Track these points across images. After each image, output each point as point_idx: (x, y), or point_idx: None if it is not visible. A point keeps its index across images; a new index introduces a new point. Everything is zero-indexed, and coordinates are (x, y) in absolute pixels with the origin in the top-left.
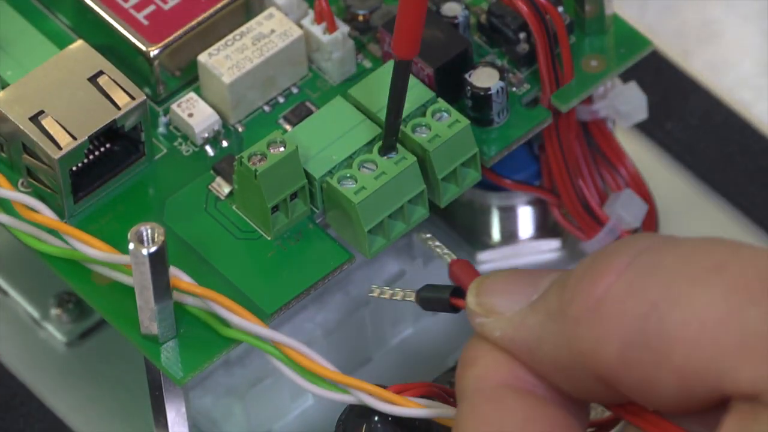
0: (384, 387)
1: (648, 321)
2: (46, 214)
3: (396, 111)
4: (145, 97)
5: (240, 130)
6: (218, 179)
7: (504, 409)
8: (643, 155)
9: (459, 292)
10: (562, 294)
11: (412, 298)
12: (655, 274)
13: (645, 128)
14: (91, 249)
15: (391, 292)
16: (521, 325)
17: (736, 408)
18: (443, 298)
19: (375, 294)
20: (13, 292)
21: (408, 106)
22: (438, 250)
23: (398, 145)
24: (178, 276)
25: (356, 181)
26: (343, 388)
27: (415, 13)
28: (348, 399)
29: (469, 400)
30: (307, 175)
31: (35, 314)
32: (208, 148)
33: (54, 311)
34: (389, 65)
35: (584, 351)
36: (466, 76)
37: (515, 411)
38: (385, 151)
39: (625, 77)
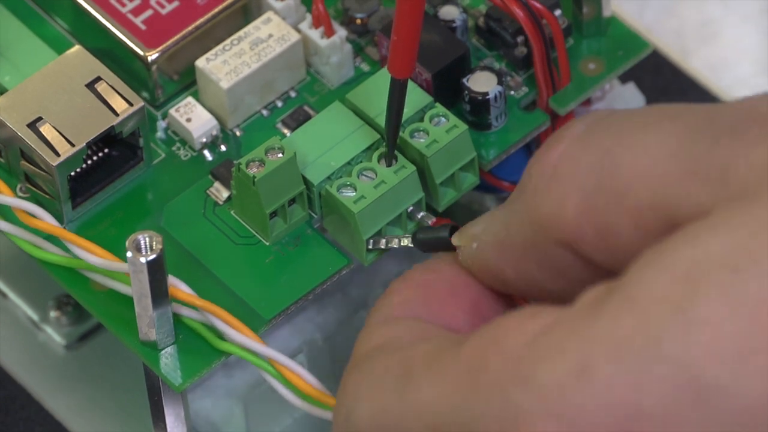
0: None
1: (602, 168)
2: (45, 219)
3: (395, 127)
4: (143, 103)
5: (238, 134)
6: (216, 184)
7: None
8: None
9: (456, 229)
10: (522, 178)
11: (409, 242)
12: (608, 129)
13: None
14: (91, 255)
15: (385, 240)
16: (492, 225)
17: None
18: (442, 237)
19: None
20: (12, 295)
21: (406, 111)
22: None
23: (398, 154)
24: (177, 286)
25: (356, 190)
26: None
27: (409, 33)
28: None
29: (369, 323)
30: (306, 181)
31: (34, 317)
32: (206, 152)
33: (53, 314)
34: (387, 70)
35: (544, 214)
36: (464, 80)
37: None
38: (387, 162)
39: (624, 78)
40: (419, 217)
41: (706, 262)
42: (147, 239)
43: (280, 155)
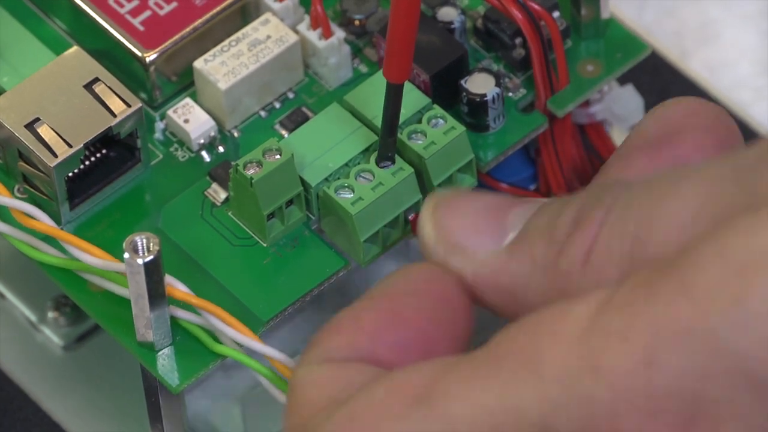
0: None
1: (633, 254)
2: (43, 220)
3: (390, 130)
4: (140, 105)
5: (236, 135)
6: (214, 185)
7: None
8: None
9: None
10: (549, 247)
11: None
12: (629, 209)
13: None
14: (89, 256)
15: None
16: (502, 271)
17: None
18: None
19: None
20: (10, 296)
21: (404, 113)
22: None
23: (395, 156)
24: (174, 285)
25: (353, 192)
26: None
27: (404, 38)
28: None
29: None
30: (303, 183)
31: (32, 318)
32: (204, 153)
33: (51, 314)
34: None
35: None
36: (462, 82)
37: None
38: (381, 161)
39: (622, 80)
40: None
41: (761, 253)
42: (144, 240)
43: (278, 156)
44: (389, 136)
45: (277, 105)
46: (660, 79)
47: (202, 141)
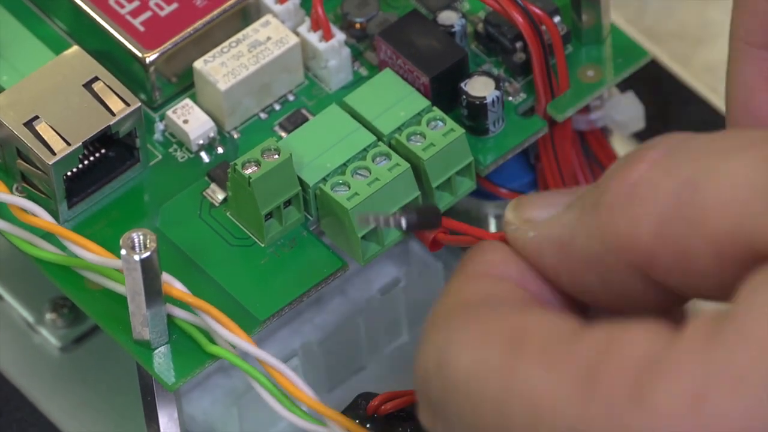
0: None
1: (682, 194)
2: (42, 217)
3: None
4: (139, 104)
5: (235, 136)
6: (213, 186)
7: (499, 287)
8: None
9: (438, 212)
10: (596, 187)
11: (397, 224)
12: (689, 155)
13: (642, 138)
14: (87, 252)
15: (373, 217)
16: (556, 223)
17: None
18: (432, 210)
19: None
20: (7, 297)
21: (403, 115)
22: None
23: (392, 152)
24: (171, 283)
25: (349, 188)
26: (319, 417)
27: None
28: (320, 430)
29: (467, 273)
30: (301, 183)
31: (30, 319)
32: (203, 154)
33: (49, 316)
34: (385, 73)
35: (619, 234)
36: (462, 85)
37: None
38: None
39: (623, 87)
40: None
41: None
42: (141, 237)
43: (276, 156)
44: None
45: (277, 107)
46: (659, 88)
47: (201, 142)
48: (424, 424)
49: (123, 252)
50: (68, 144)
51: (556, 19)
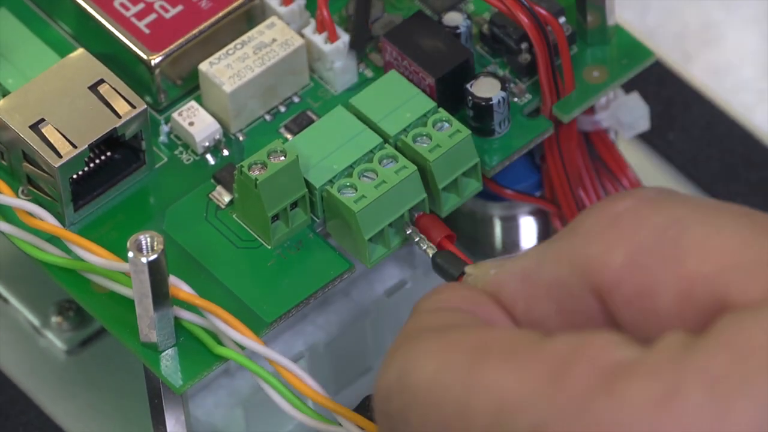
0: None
1: (667, 230)
2: (47, 220)
3: (363, 12)
4: (145, 106)
5: (241, 139)
6: (219, 188)
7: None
8: (645, 166)
9: None
10: (573, 222)
11: (429, 254)
12: (684, 201)
13: (647, 139)
14: (93, 256)
15: (411, 232)
16: (521, 257)
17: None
18: (452, 275)
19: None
20: (13, 300)
21: (409, 116)
22: (420, 243)
23: (399, 155)
24: (178, 286)
25: (356, 190)
26: (328, 416)
27: None
28: (334, 430)
29: (422, 309)
30: (308, 185)
31: (36, 322)
32: (208, 156)
33: (54, 319)
34: (390, 75)
35: (590, 255)
36: (468, 86)
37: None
38: (352, 47)
39: (628, 88)
40: (408, 233)
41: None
42: (148, 239)
43: (283, 158)
44: (363, 20)
45: (283, 109)
46: (664, 89)
47: (206, 144)
48: None
49: (130, 254)
50: (74, 147)
51: (561, 19)
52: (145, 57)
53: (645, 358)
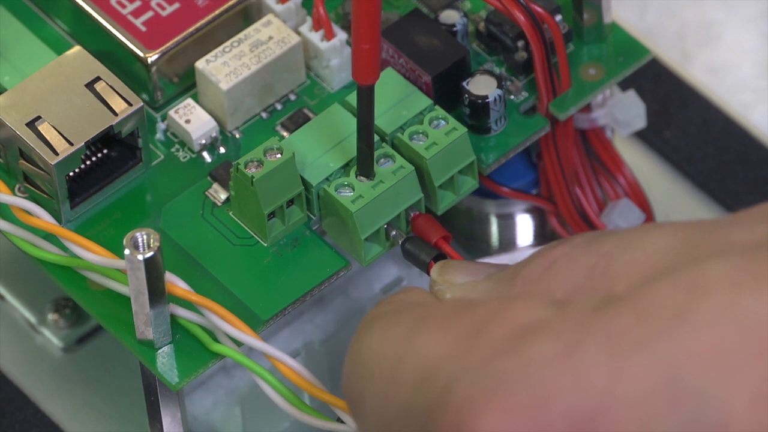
0: None
1: (597, 266)
2: (44, 218)
3: (366, 137)
4: (142, 104)
5: (237, 136)
6: (215, 186)
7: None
8: (641, 164)
9: (440, 258)
10: (516, 266)
11: (398, 241)
12: (611, 236)
13: (644, 137)
14: (89, 253)
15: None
16: (471, 289)
17: None
18: (423, 261)
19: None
20: (9, 297)
21: (405, 114)
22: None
23: (396, 154)
24: (174, 282)
25: (353, 190)
26: (324, 412)
27: (369, 38)
28: (330, 426)
29: (379, 304)
30: (304, 182)
31: (32, 319)
32: (205, 154)
33: (51, 316)
34: (387, 73)
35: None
36: (464, 84)
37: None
38: (360, 173)
39: (624, 85)
40: (392, 234)
41: (710, 277)
42: (144, 237)
43: (279, 156)
44: (365, 144)
45: (279, 106)
46: (661, 87)
47: (203, 141)
48: None
49: (127, 252)
50: (71, 144)
51: (558, 17)
52: (141, 54)
53: (554, 318)
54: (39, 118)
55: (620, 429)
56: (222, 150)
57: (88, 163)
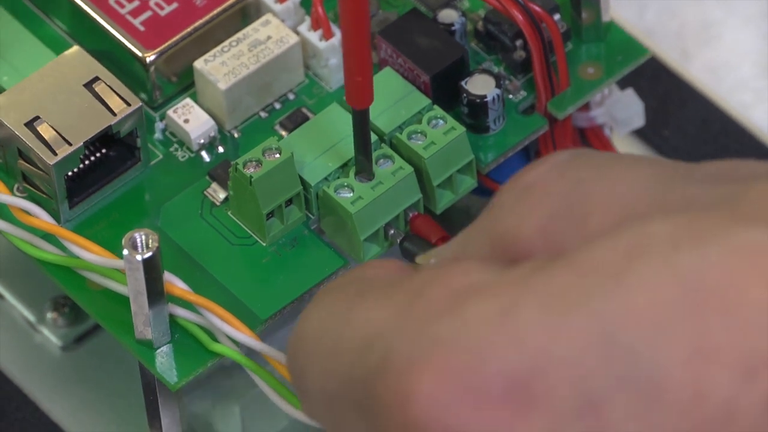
0: None
1: (572, 194)
2: (43, 218)
3: (363, 150)
4: (140, 104)
5: (236, 136)
6: (214, 185)
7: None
8: None
9: None
10: (494, 196)
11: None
12: (588, 161)
13: (642, 135)
14: (88, 253)
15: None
16: (453, 242)
17: None
18: (414, 254)
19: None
20: (8, 296)
21: (404, 113)
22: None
23: (395, 154)
24: (173, 282)
25: (353, 191)
26: None
27: (360, 62)
28: None
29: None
30: (303, 182)
31: (31, 318)
32: (203, 154)
33: (50, 315)
34: (385, 72)
35: (504, 230)
36: (463, 83)
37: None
38: (358, 176)
39: (623, 84)
40: (390, 233)
41: (650, 237)
42: (143, 237)
43: (277, 155)
44: (363, 155)
45: (278, 106)
46: (660, 85)
47: (202, 141)
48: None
49: (125, 252)
50: (69, 144)
51: (556, 16)
52: (140, 54)
53: (493, 280)
54: (38, 118)
55: (556, 387)
56: (221, 149)
57: (86, 162)
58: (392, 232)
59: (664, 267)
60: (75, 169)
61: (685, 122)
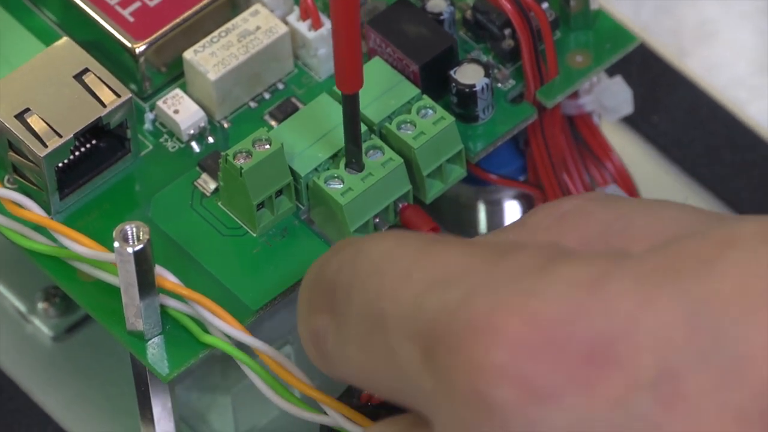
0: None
1: (614, 224)
2: (33, 210)
3: (353, 138)
4: (130, 95)
5: (226, 126)
6: (204, 176)
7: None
8: (629, 149)
9: None
10: (522, 218)
11: None
12: (629, 200)
13: (631, 121)
14: (78, 246)
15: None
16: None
17: None
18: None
19: None
20: None
21: (393, 103)
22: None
23: (384, 146)
24: (164, 276)
25: (343, 182)
26: (313, 405)
27: (350, 48)
28: (319, 419)
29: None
30: (293, 173)
31: (22, 308)
32: (193, 144)
33: (41, 305)
34: (375, 62)
35: (547, 242)
36: (452, 72)
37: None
38: (348, 167)
39: (611, 71)
40: (376, 222)
41: (741, 232)
42: (134, 229)
43: (267, 146)
44: (352, 144)
45: (267, 96)
46: (648, 72)
47: (191, 131)
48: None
49: (116, 244)
50: (59, 136)
51: (544, 5)
52: (129, 45)
53: (585, 252)
54: (28, 110)
55: (638, 354)
56: (210, 140)
57: (77, 154)
58: (377, 221)
59: (755, 257)
60: (65, 161)
61: (673, 108)
